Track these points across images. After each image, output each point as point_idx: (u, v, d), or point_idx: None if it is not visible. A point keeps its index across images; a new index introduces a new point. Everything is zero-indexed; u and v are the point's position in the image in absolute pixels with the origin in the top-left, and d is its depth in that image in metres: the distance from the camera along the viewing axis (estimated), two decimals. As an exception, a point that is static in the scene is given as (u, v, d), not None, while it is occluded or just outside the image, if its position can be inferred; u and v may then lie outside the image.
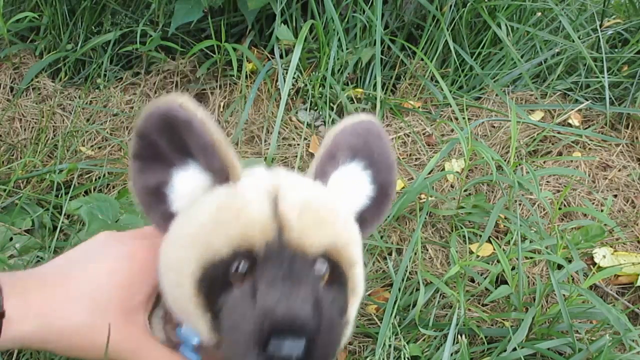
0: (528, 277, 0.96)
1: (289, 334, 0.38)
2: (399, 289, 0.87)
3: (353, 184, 0.49)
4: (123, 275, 0.47)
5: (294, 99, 1.34)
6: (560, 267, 0.87)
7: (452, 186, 1.17)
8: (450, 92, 1.34)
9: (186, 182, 0.45)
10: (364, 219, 0.50)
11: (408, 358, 0.75)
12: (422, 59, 1.39)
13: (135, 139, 0.45)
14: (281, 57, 1.33)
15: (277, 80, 1.32)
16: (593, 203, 1.14)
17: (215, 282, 0.42)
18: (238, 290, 0.41)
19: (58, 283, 0.46)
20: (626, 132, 1.32)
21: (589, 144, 1.27)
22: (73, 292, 0.46)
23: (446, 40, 1.38)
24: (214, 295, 0.42)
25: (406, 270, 0.91)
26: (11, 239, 0.88)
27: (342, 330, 0.43)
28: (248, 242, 0.41)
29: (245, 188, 0.44)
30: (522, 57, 1.47)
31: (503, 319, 0.87)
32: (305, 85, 1.31)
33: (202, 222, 0.43)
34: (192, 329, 0.46)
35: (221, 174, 0.44)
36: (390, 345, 0.78)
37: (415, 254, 0.96)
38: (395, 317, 0.82)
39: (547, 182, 1.19)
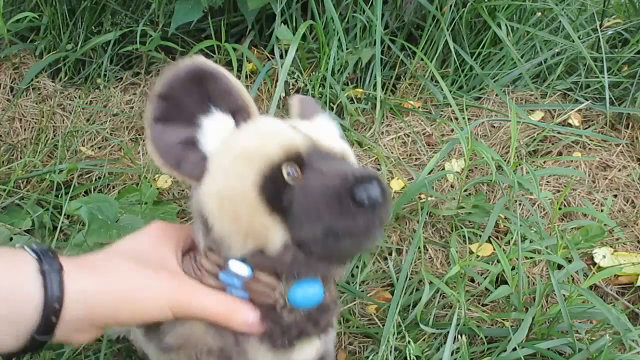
0: (528, 277, 0.96)
1: (368, 181, 0.45)
2: (402, 287, 0.88)
3: (334, 130, 0.58)
4: (145, 240, 0.53)
5: (294, 99, 1.34)
6: (560, 267, 0.87)
7: (452, 186, 1.17)
8: (450, 92, 1.34)
9: (213, 127, 0.51)
10: None
11: (414, 357, 0.75)
12: (422, 59, 1.39)
13: (156, 103, 0.49)
14: (281, 57, 1.33)
15: (277, 81, 1.32)
16: (593, 203, 1.14)
17: (276, 183, 0.47)
18: (300, 184, 0.48)
19: (100, 256, 0.51)
20: (626, 132, 1.32)
21: (589, 144, 1.27)
22: (115, 256, 0.51)
23: (446, 40, 1.38)
24: (278, 196, 0.47)
25: (409, 270, 0.91)
26: (11, 239, 0.88)
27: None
28: (295, 147, 0.49)
29: (268, 119, 0.52)
30: (522, 57, 1.47)
31: (503, 319, 0.87)
32: (305, 85, 1.31)
33: (246, 143, 0.49)
34: (246, 251, 0.49)
35: (243, 113, 0.52)
36: (392, 345, 0.78)
37: (418, 253, 0.96)
38: (396, 317, 0.82)
39: (547, 182, 1.19)
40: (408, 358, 0.75)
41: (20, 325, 0.43)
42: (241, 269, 0.50)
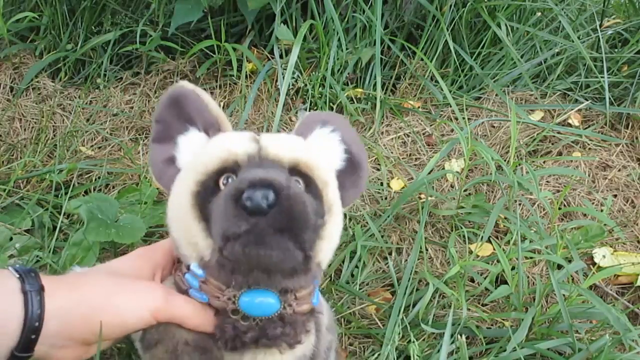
0: (528, 277, 0.96)
1: (259, 186, 0.46)
2: (406, 288, 0.88)
3: (328, 142, 0.60)
4: (130, 259, 0.57)
5: (294, 99, 1.34)
6: (560, 267, 0.87)
7: (452, 186, 1.17)
8: (450, 92, 1.34)
9: (190, 141, 0.56)
10: (342, 183, 0.58)
11: (418, 355, 0.75)
12: (422, 59, 1.39)
13: (154, 126, 0.57)
14: (281, 57, 1.33)
15: (277, 80, 1.32)
16: (593, 203, 1.14)
17: (207, 191, 0.50)
18: (222, 191, 0.49)
19: (78, 275, 0.54)
20: (626, 132, 1.32)
21: (588, 144, 1.27)
22: (92, 273, 0.55)
23: (446, 40, 1.38)
24: (206, 203, 0.49)
25: (411, 271, 0.91)
26: (11, 238, 0.88)
27: (314, 217, 0.50)
28: (233, 155, 0.51)
29: (234, 132, 0.56)
30: (522, 57, 1.47)
31: (503, 319, 0.87)
32: (305, 85, 1.31)
33: (198, 157, 0.53)
34: (194, 258, 0.52)
35: (214, 129, 0.56)
36: (395, 345, 0.78)
37: (419, 253, 0.96)
38: (401, 315, 0.82)
39: (547, 182, 1.19)
40: (412, 358, 0.74)
41: (1, 341, 0.45)
42: (198, 272, 0.52)
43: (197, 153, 0.55)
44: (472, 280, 0.96)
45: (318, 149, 0.58)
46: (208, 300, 0.53)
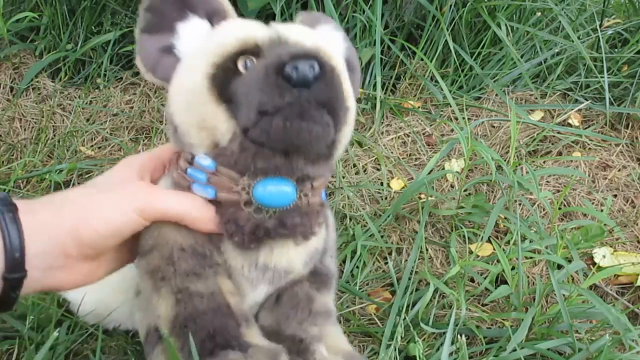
0: (528, 277, 0.96)
1: (302, 58, 0.44)
2: (406, 287, 0.88)
3: (333, 37, 0.58)
4: (112, 173, 0.54)
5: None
6: (560, 267, 0.87)
7: (452, 186, 1.17)
8: (450, 92, 1.34)
9: (188, 32, 0.53)
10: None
11: (418, 356, 0.75)
12: (422, 59, 1.39)
13: (143, 15, 0.54)
14: (281, 57, 1.33)
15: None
16: (593, 203, 1.14)
17: (226, 73, 0.47)
18: (246, 72, 0.47)
19: (61, 194, 0.52)
20: (626, 132, 1.32)
21: (588, 144, 1.27)
22: (75, 188, 0.52)
23: (446, 40, 1.38)
24: (225, 85, 0.47)
25: (413, 270, 0.91)
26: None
27: (344, 101, 0.49)
28: (253, 37, 0.48)
29: (242, 20, 0.53)
30: (522, 57, 1.47)
31: (503, 319, 0.87)
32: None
33: (208, 39, 0.50)
34: (206, 146, 0.49)
35: (219, 16, 0.52)
36: (392, 345, 0.78)
37: (420, 252, 0.96)
38: (402, 315, 0.83)
39: (547, 182, 1.19)
40: (417, 357, 0.74)
41: None
42: (205, 162, 0.50)
43: (205, 39, 0.51)
44: (472, 280, 0.96)
45: (328, 40, 0.56)
46: (215, 195, 0.50)
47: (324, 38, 0.55)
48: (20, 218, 0.45)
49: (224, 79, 0.47)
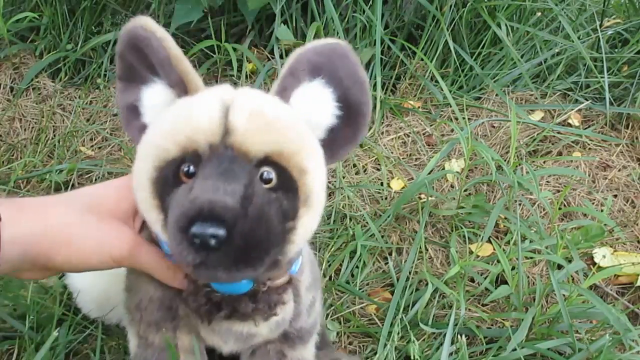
0: (528, 277, 0.96)
1: (209, 220, 0.40)
2: (404, 287, 0.88)
3: (316, 101, 0.49)
4: (110, 190, 0.53)
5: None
6: (560, 267, 0.87)
7: (452, 186, 1.17)
8: (450, 92, 1.34)
9: (153, 98, 0.49)
10: (335, 139, 0.50)
11: (419, 355, 0.75)
12: (422, 59, 1.39)
13: (117, 60, 0.50)
14: (281, 57, 1.33)
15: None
16: (593, 203, 1.14)
17: (166, 181, 0.45)
18: (182, 187, 0.44)
19: (50, 199, 0.51)
20: (626, 132, 1.32)
21: (589, 144, 1.27)
22: (64, 200, 0.51)
23: (446, 40, 1.38)
24: (165, 195, 0.45)
25: (411, 270, 0.91)
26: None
27: (280, 232, 0.44)
28: (194, 143, 0.44)
29: (200, 97, 0.46)
30: (522, 57, 1.47)
31: (503, 319, 0.87)
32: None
33: (157, 130, 0.47)
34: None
35: (181, 88, 0.48)
36: (392, 345, 0.78)
37: (419, 253, 0.96)
38: (400, 315, 0.83)
39: (547, 182, 1.19)
40: (413, 357, 0.74)
41: None
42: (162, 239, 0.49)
43: (160, 119, 0.47)
44: (472, 280, 0.96)
45: (303, 114, 0.48)
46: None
47: (296, 116, 0.48)
48: (1, 230, 0.45)
49: (164, 188, 0.45)
